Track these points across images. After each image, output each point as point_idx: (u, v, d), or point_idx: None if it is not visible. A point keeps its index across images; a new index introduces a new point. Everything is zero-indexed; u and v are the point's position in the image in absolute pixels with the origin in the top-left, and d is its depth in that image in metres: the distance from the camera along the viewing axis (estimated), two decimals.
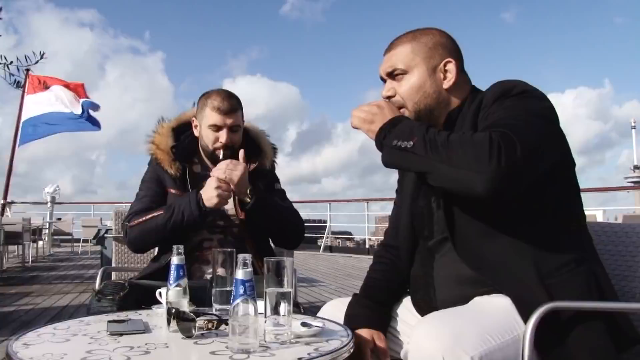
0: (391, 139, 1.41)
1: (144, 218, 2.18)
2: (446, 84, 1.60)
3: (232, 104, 2.22)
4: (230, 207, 2.24)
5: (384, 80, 1.66)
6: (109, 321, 1.49)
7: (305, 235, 2.65)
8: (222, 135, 2.21)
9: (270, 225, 2.25)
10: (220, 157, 2.20)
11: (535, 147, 1.32)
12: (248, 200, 2.14)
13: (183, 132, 2.37)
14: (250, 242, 2.23)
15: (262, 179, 2.31)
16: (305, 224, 2.50)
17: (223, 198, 2.09)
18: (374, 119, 1.49)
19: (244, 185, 2.12)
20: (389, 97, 1.63)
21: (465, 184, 1.31)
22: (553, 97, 1.50)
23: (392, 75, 1.63)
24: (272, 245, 2.37)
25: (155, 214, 2.16)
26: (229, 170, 2.09)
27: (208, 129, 2.22)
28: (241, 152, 2.17)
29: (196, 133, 2.33)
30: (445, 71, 1.60)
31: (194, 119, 2.32)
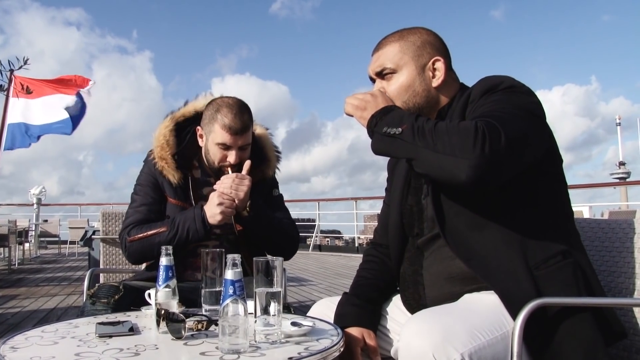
0: (382, 126, 1.43)
1: (145, 233, 2.11)
2: (435, 82, 1.61)
3: (244, 123, 2.09)
4: None
5: (373, 80, 1.67)
6: (98, 323, 1.48)
7: None
8: (232, 156, 2.10)
9: (265, 237, 2.20)
10: (228, 173, 2.12)
11: (519, 138, 1.33)
12: (246, 213, 2.11)
13: (182, 129, 2.26)
14: (245, 249, 2.19)
15: (262, 186, 2.27)
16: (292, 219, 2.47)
17: (227, 215, 2.06)
18: (366, 107, 1.50)
19: (246, 200, 2.08)
20: None
21: (449, 170, 1.31)
22: (540, 94, 1.51)
23: (381, 74, 1.63)
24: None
25: (158, 230, 2.10)
26: (234, 185, 2.05)
27: (215, 146, 2.11)
28: (246, 165, 2.11)
29: (200, 143, 2.22)
30: (434, 69, 1.61)
31: (199, 128, 2.20)
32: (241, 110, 2.10)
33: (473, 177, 1.28)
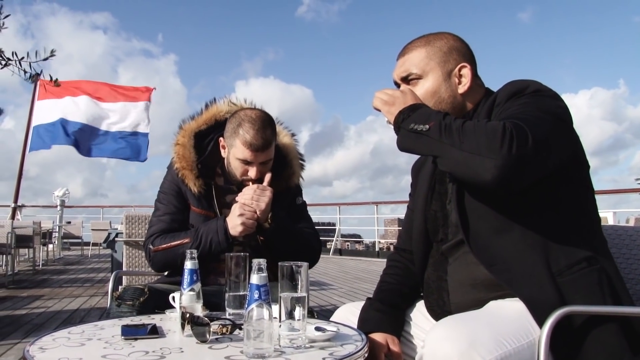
0: (409, 122, 1.42)
1: (168, 244, 2.13)
2: (461, 89, 1.60)
3: (265, 139, 2.05)
4: None
5: (398, 85, 1.66)
6: (123, 325, 1.50)
7: None
8: (252, 171, 2.09)
9: (287, 248, 2.16)
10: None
11: (546, 141, 1.32)
12: (267, 225, 2.11)
13: (206, 135, 2.24)
14: (268, 256, 2.17)
15: (286, 195, 2.26)
16: (315, 227, 2.47)
17: (249, 227, 2.05)
18: (394, 102, 1.49)
19: (267, 211, 2.08)
20: None
21: (474, 169, 1.30)
22: (566, 98, 1.49)
23: (407, 80, 1.63)
24: None
25: (181, 241, 2.11)
26: (256, 196, 2.04)
27: (237, 160, 2.09)
28: (267, 177, 2.11)
29: (223, 154, 2.20)
30: (460, 76, 1.60)
31: (222, 139, 2.18)
32: (264, 125, 2.07)
33: (498, 177, 1.27)
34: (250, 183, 2.10)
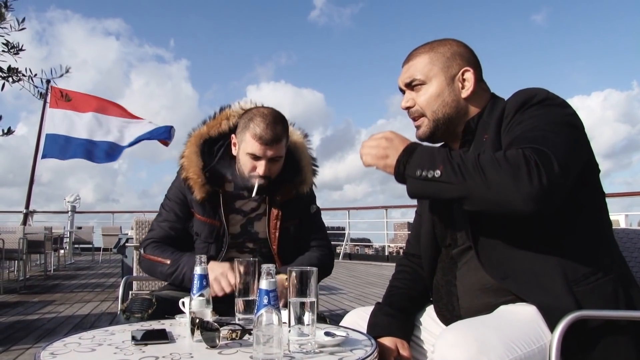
0: (412, 169, 1.36)
1: (154, 257, 2.17)
2: (464, 93, 1.60)
3: (275, 134, 2.03)
4: (262, 229, 2.20)
5: (403, 91, 1.67)
6: (134, 331, 1.50)
7: None
8: (260, 167, 2.05)
9: None
10: (255, 186, 2.07)
11: (568, 158, 1.31)
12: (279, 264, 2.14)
13: (217, 141, 2.22)
14: (280, 264, 2.17)
15: (298, 202, 2.23)
16: (328, 237, 2.42)
17: (218, 291, 1.93)
18: (387, 153, 1.42)
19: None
20: (408, 108, 1.64)
21: (507, 205, 1.28)
22: (579, 100, 1.48)
23: (411, 85, 1.63)
24: None
25: (163, 260, 2.15)
26: (219, 281, 1.94)
27: (246, 155, 2.06)
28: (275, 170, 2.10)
29: (234, 151, 2.17)
30: (464, 80, 1.60)
31: (233, 135, 2.16)
32: (274, 120, 2.05)
33: (535, 208, 1.26)
34: (257, 181, 2.06)
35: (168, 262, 2.13)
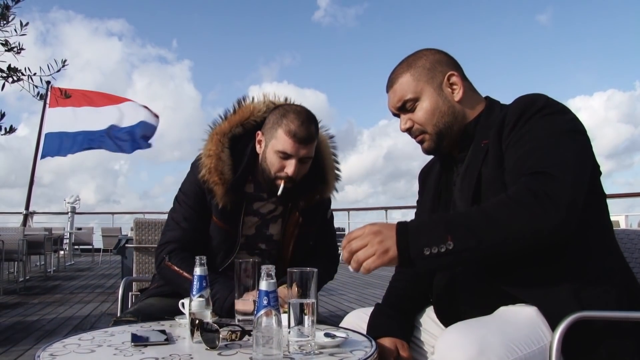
0: (418, 249, 1.30)
1: (181, 272, 1.95)
2: (457, 97, 1.60)
3: (310, 133, 1.91)
4: (277, 231, 2.12)
5: (398, 115, 1.66)
6: (133, 332, 1.50)
7: None
8: (290, 167, 1.91)
9: None
10: (280, 188, 1.94)
11: (575, 173, 1.32)
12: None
13: (240, 139, 2.05)
14: (287, 265, 2.12)
15: (318, 209, 2.16)
16: (336, 243, 2.39)
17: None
18: (385, 247, 1.32)
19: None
20: (408, 129, 1.63)
21: (535, 242, 1.30)
22: (582, 101, 1.47)
23: (404, 107, 1.63)
24: None
25: (189, 276, 1.75)
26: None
27: (275, 153, 1.92)
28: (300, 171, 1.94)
29: (258, 149, 2.03)
30: (451, 84, 1.60)
31: (259, 132, 2.01)
32: (309, 119, 1.93)
33: (562, 233, 1.29)
34: (283, 184, 1.94)
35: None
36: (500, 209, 1.30)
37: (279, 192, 1.95)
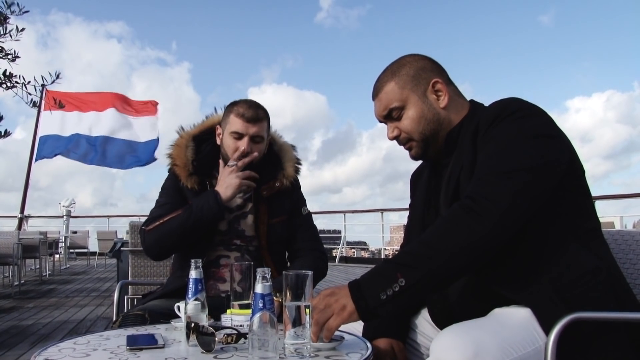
0: (374, 296, 1.33)
1: (162, 220, 2.13)
2: (442, 103, 1.60)
3: (257, 113, 2.16)
4: (248, 226, 2.23)
5: (384, 122, 1.67)
6: (129, 336, 1.50)
7: None
8: (243, 144, 2.15)
9: None
10: (239, 162, 2.15)
11: (520, 175, 1.36)
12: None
13: (206, 140, 2.33)
14: (269, 261, 2.20)
15: (282, 199, 2.29)
16: (320, 235, 2.47)
17: (236, 186, 2.11)
18: (341, 304, 1.35)
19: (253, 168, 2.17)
20: (395, 137, 1.64)
21: (478, 253, 1.35)
22: (581, 101, 1.48)
23: (391, 116, 1.64)
24: (289, 264, 2.32)
25: (174, 214, 2.12)
26: (237, 160, 2.15)
27: (230, 136, 2.16)
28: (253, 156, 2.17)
29: (218, 141, 2.27)
30: (436, 91, 1.61)
31: (218, 126, 2.27)
32: (256, 104, 2.20)
33: (495, 240, 1.34)
34: (242, 160, 2.14)
35: (180, 212, 2.12)
36: (435, 231, 1.36)
37: (239, 163, 2.13)
